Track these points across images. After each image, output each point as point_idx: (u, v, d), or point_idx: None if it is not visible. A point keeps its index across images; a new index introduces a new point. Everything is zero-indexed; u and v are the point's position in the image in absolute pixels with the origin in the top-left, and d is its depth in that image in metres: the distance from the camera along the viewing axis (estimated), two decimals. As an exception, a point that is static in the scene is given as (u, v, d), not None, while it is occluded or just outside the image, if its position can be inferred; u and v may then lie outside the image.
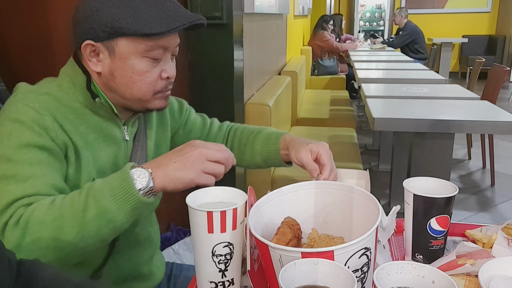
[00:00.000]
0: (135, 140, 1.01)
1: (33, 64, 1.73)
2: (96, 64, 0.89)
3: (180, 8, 0.90)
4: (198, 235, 0.71)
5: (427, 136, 2.21)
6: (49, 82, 0.93)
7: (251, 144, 1.15)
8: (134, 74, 0.89)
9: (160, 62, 0.91)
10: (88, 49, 0.88)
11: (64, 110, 0.88)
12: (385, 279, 0.59)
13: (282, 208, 0.80)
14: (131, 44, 0.87)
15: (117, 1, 0.85)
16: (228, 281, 0.74)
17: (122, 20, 0.84)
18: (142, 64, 0.89)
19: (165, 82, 0.94)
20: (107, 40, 0.86)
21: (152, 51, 0.88)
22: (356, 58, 5.06)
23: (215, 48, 1.96)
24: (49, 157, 0.83)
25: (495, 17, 9.02)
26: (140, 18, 0.85)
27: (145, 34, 0.85)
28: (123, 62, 0.88)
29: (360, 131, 4.54)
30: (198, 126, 1.18)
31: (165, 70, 0.92)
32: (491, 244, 0.87)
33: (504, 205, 3.12)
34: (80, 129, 0.90)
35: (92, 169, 0.90)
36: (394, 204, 0.92)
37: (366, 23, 9.82)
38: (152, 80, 0.91)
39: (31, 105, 0.84)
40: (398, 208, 0.92)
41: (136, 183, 0.76)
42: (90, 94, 0.91)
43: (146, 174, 0.77)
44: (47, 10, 1.67)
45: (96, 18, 0.85)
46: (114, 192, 0.76)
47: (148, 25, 0.85)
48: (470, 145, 4.04)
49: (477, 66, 3.97)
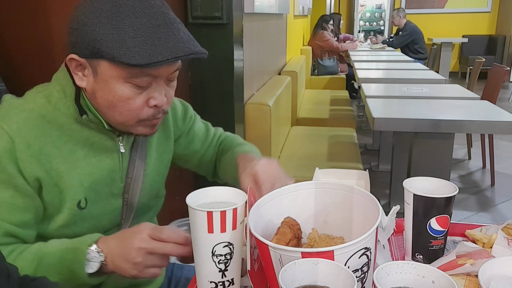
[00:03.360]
0: (132, 150, 0.96)
1: (32, 64, 1.73)
2: (82, 79, 0.83)
3: (175, 36, 0.79)
4: (198, 235, 0.71)
5: (427, 136, 2.21)
6: (38, 92, 0.87)
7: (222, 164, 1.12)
8: (115, 99, 0.82)
9: (147, 89, 0.83)
10: (73, 62, 0.82)
11: (48, 127, 0.84)
12: (385, 279, 0.59)
13: (282, 208, 0.80)
14: (112, 68, 0.79)
15: (105, 19, 0.77)
16: (228, 281, 0.74)
17: (103, 42, 0.76)
18: (124, 89, 0.81)
19: (153, 110, 0.85)
20: (90, 59, 0.80)
21: (136, 78, 0.80)
22: (356, 58, 5.06)
23: (215, 48, 1.96)
24: (13, 197, 0.81)
25: (495, 17, 9.02)
26: (122, 44, 0.76)
27: (123, 62, 0.76)
28: (104, 84, 0.81)
29: (360, 131, 4.54)
30: (200, 138, 1.13)
31: (153, 97, 0.84)
32: (491, 244, 0.87)
33: (504, 205, 3.12)
34: (65, 147, 0.85)
35: (78, 191, 0.87)
36: (394, 204, 0.92)
37: (366, 23, 9.81)
38: (135, 107, 0.83)
39: (7, 127, 0.80)
40: (398, 208, 0.91)
41: (87, 265, 0.78)
42: (78, 109, 0.85)
43: (98, 260, 0.79)
44: (46, 11, 1.67)
45: (81, 33, 0.79)
46: (62, 271, 0.79)
47: (129, 54, 0.76)
48: (470, 145, 4.04)
49: (477, 66, 3.97)
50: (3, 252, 0.79)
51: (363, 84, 3.11)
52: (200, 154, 1.14)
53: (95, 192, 0.90)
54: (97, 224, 0.93)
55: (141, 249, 0.77)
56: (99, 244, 0.81)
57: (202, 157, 1.15)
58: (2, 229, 0.80)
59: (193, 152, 1.13)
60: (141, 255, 0.77)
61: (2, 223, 0.80)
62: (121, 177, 0.94)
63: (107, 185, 0.92)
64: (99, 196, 0.91)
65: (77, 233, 0.89)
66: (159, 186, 1.06)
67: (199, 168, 1.18)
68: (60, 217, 0.87)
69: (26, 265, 0.80)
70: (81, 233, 0.89)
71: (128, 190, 0.96)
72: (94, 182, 0.89)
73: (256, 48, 2.64)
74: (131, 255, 0.77)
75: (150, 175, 1.00)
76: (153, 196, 1.04)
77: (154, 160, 1.02)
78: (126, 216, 0.98)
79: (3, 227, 0.80)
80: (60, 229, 0.88)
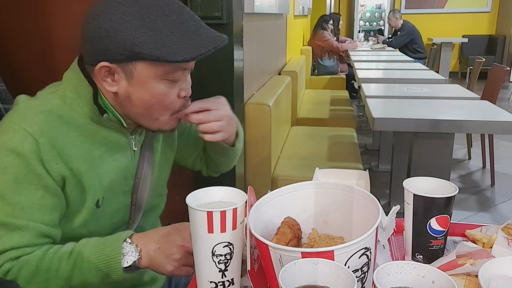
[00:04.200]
0: (142, 149, 0.98)
1: (32, 64, 1.73)
2: (111, 85, 0.84)
3: (202, 27, 0.84)
4: (198, 235, 0.71)
5: (427, 136, 2.21)
6: (52, 93, 0.88)
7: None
8: (153, 97, 0.84)
9: (178, 82, 0.87)
10: (103, 70, 0.83)
11: (66, 128, 0.85)
12: (385, 279, 0.59)
13: (282, 208, 0.80)
14: (151, 68, 0.81)
15: (137, 22, 0.78)
16: (228, 281, 0.74)
17: (144, 45, 0.78)
18: (160, 87, 0.84)
19: (183, 101, 0.90)
20: (125, 63, 0.81)
21: (172, 74, 0.84)
22: (356, 58, 5.06)
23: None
24: (43, 197, 0.82)
25: (495, 17, 9.02)
26: (163, 44, 0.78)
27: (168, 61, 0.80)
28: (141, 86, 0.83)
29: (360, 131, 4.54)
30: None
31: (183, 89, 0.88)
32: (491, 244, 0.87)
33: (504, 205, 3.12)
34: (83, 147, 0.86)
35: (97, 190, 0.89)
36: (394, 204, 0.92)
37: (366, 23, 9.82)
38: (170, 101, 0.87)
39: (29, 129, 0.80)
40: (398, 208, 0.91)
41: (123, 259, 0.81)
42: (98, 109, 0.86)
43: (135, 254, 0.81)
44: (46, 11, 1.67)
45: (114, 40, 0.78)
46: (100, 267, 0.81)
47: (172, 52, 0.78)
48: (470, 145, 4.04)
49: (477, 66, 3.97)
50: (38, 253, 0.82)
51: (363, 84, 3.11)
52: (202, 146, 1.16)
53: (111, 191, 0.92)
54: (109, 222, 0.94)
55: (183, 247, 0.81)
56: (134, 239, 0.83)
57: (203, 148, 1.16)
58: (35, 230, 0.82)
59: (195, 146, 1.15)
60: (182, 252, 0.81)
61: (35, 224, 0.82)
62: (132, 174, 0.96)
63: (120, 184, 0.94)
64: (113, 194, 0.93)
65: (91, 232, 0.91)
66: (163, 184, 1.08)
67: (200, 160, 1.19)
68: (79, 216, 0.89)
69: (63, 263, 0.81)
70: (96, 232, 0.91)
71: (137, 189, 0.97)
72: (111, 181, 0.91)
73: (256, 48, 2.64)
74: (172, 251, 0.81)
75: (156, 173, 1.02)
76: (157, 194, 1.06)
77: (160, 158, 1.03)
78: (134, 214, 0.99)
79: (37, 228, 0.82)
80: (76, 229, 0.90)
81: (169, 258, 0.81)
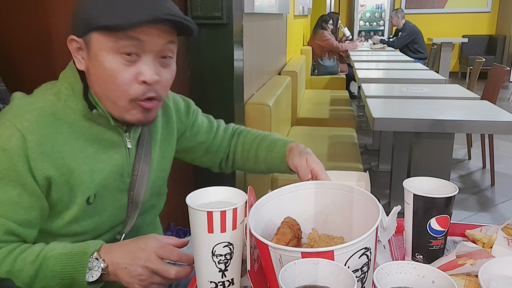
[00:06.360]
0: (138, 147, 0.97)
1: (32, 64, 1.73)
2: (80, 62, 0.86)
3: (166, 2, 0.81)
4: (198, 235, 0.71)
5: (427, 136, 2.21)
6: (47, 90, 0.88)
7: (255, 151, 1.14)
8: (104, 73, 0.82)
9: (137, 63, 0.82)
10: (73, 44, 0.85)
11: (59, 125, 0.84)
12: (385, 279, 0.59)
13: (282, 208, 0.80)
14: (101, 38, 0.80)
15: None
16: (228, 281, 0.74)
17: (91, 12, 0.81)
18: (112, 61, 0.81)
19: (144, 87, 0.83)
20: (84, 36, 0.82)
21: (124, 48, 0.80)
22: (356, 58, 5.06)
23: (215, 48, 1.96)
24: (20, 195, 0.81)
25: (495, 17, 9.02)
26: (106, 9, 0.79)
27: (104, 26, 0.78)
28: (95, 59, 0.82)
29: (360, 131, 4.54)
30: (205, 130, 1.14)
31: (142, 72, 0.82)
32: (491, 244, 0.87)
33: (504, 205, 3.12)
34: (76, 144, 0.86)
35: (89, 187, 0.88)
36: (394, 204, 0.92)
37: (366, 23, 9.81)
38: (123, 81, 0.81)
39: (19, 125, 0.80)
40: (399, 209, 0.92)
41: (88, 273, 0.80)
42: (88, 105, 0.87)
43: (100, 270, 0.81)
44: (46, 10, 1.67)
45: (77, 15, 0.83)
46: (63, 277, 0.81)
47: (109, 16, 0.78)
48: (470, 145, 4.04)
49: (477, 66, 3.97)
50: (3, 251, 0.80)
51: (363, 84, 3.11)
52: (206, 144, 1.16)
53: (104, 188, 0.91)
54: (104, 220, 0.94)
55: (147, 268, 0.80)
56: (101, 253, 0.82)
57: (208, 147, 1.16)
58: (4, 227, 0.81)
59: (199, 144, 1.15)
60: (147, 273, 0.80)
61: (5, 221, 0.81)
62: (128, 172, 0.95)
63: (115, 181, 0.93)
64: (107, 191, 0.92)
65: (84, 228, 0.90)
66: (162, 183, 1.07)
67: (205, 159, 1.18)
68: (69, 213, 0.88)
69: (26, 266, 0.80)
70: (89, 229, 0.90)
71: (133, 186, 0.97)
72: (104, 178, 0.91)
73: (256, 48, 2.64)
74: (137, 271, 0.80)
75: (154, 171, 1.02)
76: (155, 193, 1.05)
77: (158, 157, 1.03)
78: (131, 213, 0.99)
79: (5, 225, 0.81)
80: (68, 225, 0.89)
81: (135, 278, 0.80)
